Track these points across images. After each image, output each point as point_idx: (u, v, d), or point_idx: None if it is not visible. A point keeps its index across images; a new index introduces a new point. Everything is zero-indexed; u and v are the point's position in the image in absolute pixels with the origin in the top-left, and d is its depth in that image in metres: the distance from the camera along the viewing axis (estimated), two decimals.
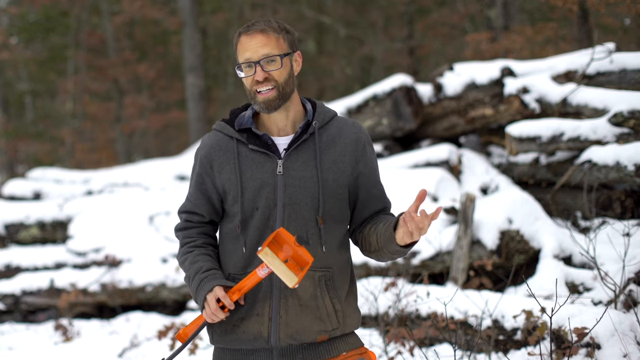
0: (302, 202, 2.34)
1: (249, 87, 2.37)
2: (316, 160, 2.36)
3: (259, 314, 2.34)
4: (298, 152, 2.37)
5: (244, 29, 2.37)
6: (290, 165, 2.36)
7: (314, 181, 2.35)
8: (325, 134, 2.41)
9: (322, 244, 2.35)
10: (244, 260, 2.37)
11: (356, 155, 2.41)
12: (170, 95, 19.68)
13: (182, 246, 2.48)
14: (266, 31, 2.34)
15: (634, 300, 4.28)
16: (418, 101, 7.50)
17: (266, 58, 2.32)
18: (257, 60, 2.32)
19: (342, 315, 2.38)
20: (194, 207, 2.46)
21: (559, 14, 10.87)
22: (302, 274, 2.21)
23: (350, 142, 2.42)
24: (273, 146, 2.38)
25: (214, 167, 2.40)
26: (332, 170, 2.38)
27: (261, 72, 2.33)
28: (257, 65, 2.32)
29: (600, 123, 5.77)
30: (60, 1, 17.72)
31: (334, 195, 2.37)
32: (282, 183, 2.34)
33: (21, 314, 8.01)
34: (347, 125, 2.45)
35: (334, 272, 2.39)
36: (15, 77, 21.69)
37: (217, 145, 2.41)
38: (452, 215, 5.90)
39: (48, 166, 14.90)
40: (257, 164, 2.36)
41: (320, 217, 2.34)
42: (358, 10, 17.90)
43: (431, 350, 4.59)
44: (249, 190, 2.35)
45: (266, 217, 2.34)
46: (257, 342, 2.34)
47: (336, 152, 2.39)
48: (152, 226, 8.02)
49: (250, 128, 2.41)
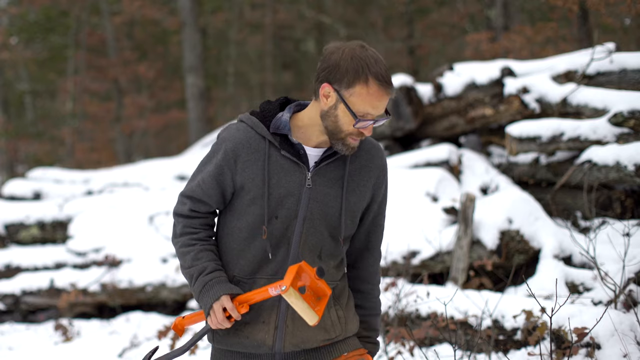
0: (322, 218, 2.32)
1: (345, 129, 2.25)
2: (343, 180, 2.34)
3: (265, 321, 2.32)
4: (328, 167, 2.34)
5: (379, 79, 2.21)
6: (318, 179, 2.32)
7: (337, 201, 2.33)
8: (357, 157, 2.38)
9: (334, 260, 2.36)
10: (255, 265, 2.33)
11: (378, 181, 2.41)
12: (170, 95, 19.68)
13: (183, 235, 2.38)
14: (392, 92, 2.25)
15: (634, 300, 4.28)
16: (418, 101, 7.50)
17: (381, 118, 2.27)
18: (375, 118, 2.25)
19: (344, 322, 2.40)
20: (204, 195, 2.35)
21: (559, 14, 10.88)
22: (320, 308, 2.19)
23: (377, 168, 2.40)
24: (305, 157, 2.32)
25: (238, 162, 2.31)
26: (356, 192, 2.36)
27: (371, 130, 2.28)
28: (373, 123, 2.26)
29: (600, 123, 5.77)
30: (60, 1, 17.72)
31: (351, 216, 2.37)
32: (307, 196, 2.30)
33: (21, 314, 8.01)
34: (374, 149, 2.42)
35: (339, 284, 2.41)
36: (15, 77, 21.69)
37: (247, 142, 2.31)
38: (452, 215, 5.90)
39: (48, 166, 14.90)
40: (285, 171, 2.31)
41: (342, 239, 2.35)
42: (358, 10, 17.91)
43: (431, 350, 4.59)
44: (273, 196, 2.29)
45: (285, 227, 2.30)
46: (260, 349, 2.33)
47: (363, 176, 2.37)
48: (152, 226, 8.02)
49: (286, 135, 2.33)
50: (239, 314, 2.26)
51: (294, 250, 2.30)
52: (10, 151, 19.18)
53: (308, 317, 2.18)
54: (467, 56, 12.10)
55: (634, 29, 10.84)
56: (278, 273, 2.31)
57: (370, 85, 2.19)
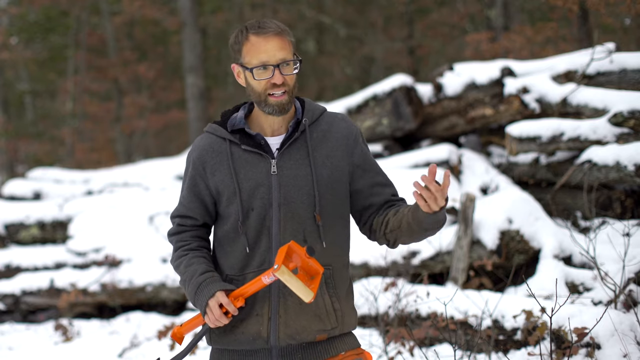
0: (298, 201, 2.33)
1: (260, 90, 2.33)
2: (309, 157, 2.36)
3: (259, 314, 2.33)
4: (291, 150, 2.37)
5: (255, 29, 2.33)
6: (284, 164, 2.35)
7: (308, 179, 2.34)
8: (316, 130, 2.41)
9: (322, 240, 2.35)
10: (242, 261, 2.36)
11: (348, 148, 2.41)
12: (170, 95, 19.67)
13: (176, 250, 2.45)
14: (282, 35, 2.33)
15: (634, 300, 4.28)
16: (418, 101, 7.50)
17: (284, 62, 2.31)
18: (275, 63, 2.30)
19: (340, 315, 2.38)
20: (187, 210, 2.44)
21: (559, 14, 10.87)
22: (315, 286, 2.20)
23: (342, 137, 2.42)
24: (266, 146, 2.37)
25: (207, 169, 2.39)
26: (326, 165, 2.37)
27: (280, 76, 2.30)
28: (276, 68, 2.30)
29: (600, 123, 5.77)
30: (60, 1, 17.71)
31: (330, 191, 2.37)
32: (276, 183, 2.34)
33: (21, 314, 8.01)
34: (337, 119, 2.45)
35: (334, 270, 2.39)
36: (15, 77, 21.69)
37: (210, 147, 2.40)
38: (452, 215, 5.90)
39: (48, 166, 14.90)
40: (250, 164, 2.36)
41: (317, 214, 2.34)
42: (358, 10, 17.90)
43: (431, 350, 4.59)
44: (244, 190, 2.34)
45: (262, 217, 2.33)
46: (256, 343, 2.34)
47: (328, 148, 2.39)
48: (152, 226, 8.02)
49: (243, 129, 2.40)
50: (235, 308, 2.28)
51: (275, 238, 2.33)
52: (10, 151, 19.17)
53: (303, 294, 2.18)
54: (467, 56, 12.10)
55: (634, 29, 10.83)
56: (264, 264, 2.33)
57: (250, 39, 2.32)
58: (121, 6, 18.03)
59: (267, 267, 2.32)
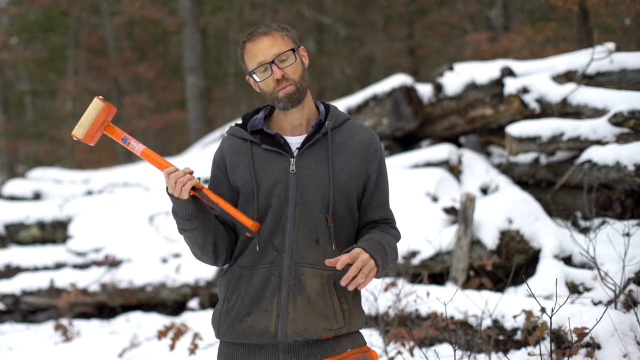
0: (313, 201, 2.36)
1: (269, 91, 2.38)
2: (328, 160, 2.39)
3: (268, 309, 2.35)
4: (311, 151, 2.40)
5: (246, 37, 2.40)
6: (303, 164, 2.39)
7: (325, 181, 2.37)
8: (338, 135, 2.44)
9: (332, 242, 2.38)
10: (253, 256, 2.39)
11: (367, 158, 2.44)
12: (170, 95, 19.68)
13: None
14: (269, 32, 2.38)
15: (634, 300, 4.28)
16: (418, 101, 7.50)
17: (278, 56, 2.35)
18: (270, 60, 2.35)
19: (348, 316, 2.40)
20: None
21: (559, 14, 10.87)
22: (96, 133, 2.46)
23: (362, 146, 2.45)
24: (286, 145, 2.41)
25: (228, 166, 2.45)
26: (344, 172, 2.40)
27: (278, 71, 2.35)
28: (272, 65, 2.35)
29: (600, 123, 5.77)
30: (60, 1, 17.72)
31: (345, 196, 2.40)
32: (294, 181, 2.37)
33: (21, 314, 8.01)
34: (360, 129, 2.49)
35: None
36: (15, 77, 21.69)
37: (231, 148, 2.46)
38: (452, 215, 5.90)
39: (48, 166, 14.90)
40: (270, 162, 2.40)
41: (330, 217, 2.36)
42: (358, 10, 17.91)
43: (431, 350, 4.59)
44: (262, 188, 2.38)
45: (278, 214, 2.37)
46: (264, 338, 2.36)
47: (348, 155, 2.42)
48: (152, 226, 8.02)
49: (262, 129, 2.45)
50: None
51: (289, 235, 2.36)
52: (10, 151, 19.18)
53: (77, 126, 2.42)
54: (467, 56, 12.10)
55: (634, 29, 10.84)
56: (276, 260, 2.36)
57: (246, 47, 2.40)
58: (121, 6, 18.04)
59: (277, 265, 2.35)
